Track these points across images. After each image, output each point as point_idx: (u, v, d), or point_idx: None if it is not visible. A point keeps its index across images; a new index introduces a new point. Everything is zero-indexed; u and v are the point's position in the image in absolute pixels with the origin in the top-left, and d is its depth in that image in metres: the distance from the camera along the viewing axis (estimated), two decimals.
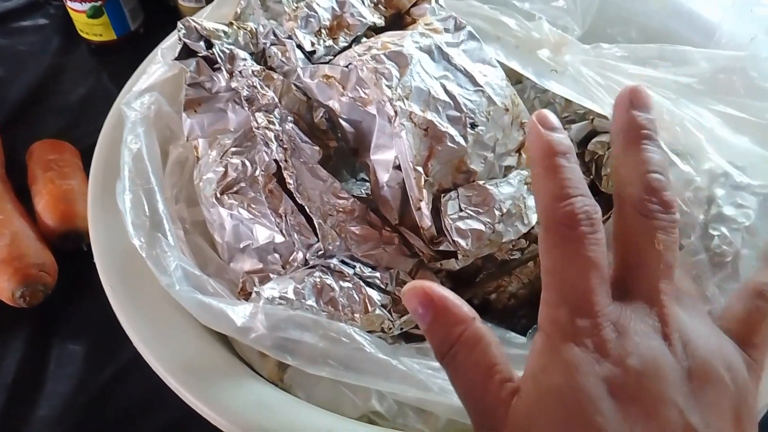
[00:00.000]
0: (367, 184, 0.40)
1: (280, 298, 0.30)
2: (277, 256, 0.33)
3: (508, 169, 0.39)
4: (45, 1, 0.72)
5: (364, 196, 0.39)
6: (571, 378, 0.21)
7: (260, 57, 0.39)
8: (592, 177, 0.44)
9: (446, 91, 0.35)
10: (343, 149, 0.39)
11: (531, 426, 0.21)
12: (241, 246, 0.34)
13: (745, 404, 0.22)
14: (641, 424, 0.20)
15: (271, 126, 0.34)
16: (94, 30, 0.65)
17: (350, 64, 0.35)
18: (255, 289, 0.30)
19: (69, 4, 0.63)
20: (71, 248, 0.48)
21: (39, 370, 0.45)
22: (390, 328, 0.32)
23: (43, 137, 0.56)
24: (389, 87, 0.33)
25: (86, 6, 0.63)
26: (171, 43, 0.38)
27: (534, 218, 0.37)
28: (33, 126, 0.60)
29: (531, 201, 0.38)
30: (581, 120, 0.46)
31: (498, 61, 0.42)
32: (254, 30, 0.39)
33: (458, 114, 0.35)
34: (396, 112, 0.33)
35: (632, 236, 0.24)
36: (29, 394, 0.43)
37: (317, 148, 0.35)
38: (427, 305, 0.24)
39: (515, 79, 0.48)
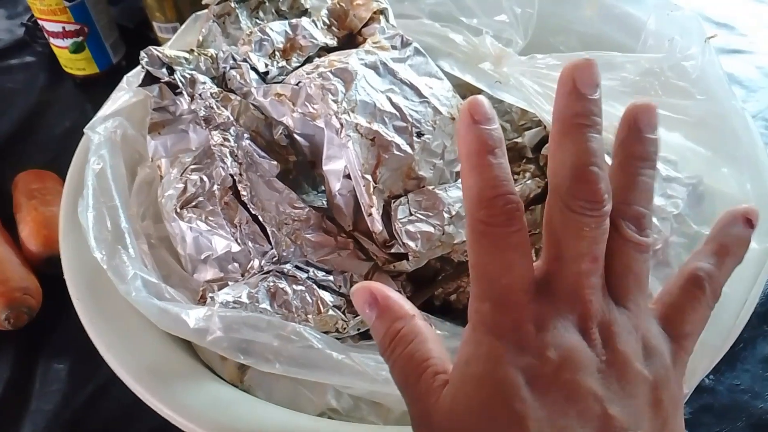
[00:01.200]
0: None
1: (234, 302, 0.31)
2: (236, 264, 0.35)
3: (460, 174, 0.41)
4: (32, 39, 0.75)
5: (324, 206, 0.41)
6: (493, 369, 0.22)
7: (221, 80, 0.41)
8: (546, 180, 0.46)
9: (392, 103, 0.38)
10: (304, 163, 0.41)
11: (454, 411, 0.23)
12: (202, 257, 0.36)
13: (667, 391, 0.23)
14: (560, 411, 0.21)
15: (226, 143, 0.36)
16: (77, 65, 0.68)
17: (300, 82, 0.37)
18: (210, 294, 0.32)
19: (52, 41, 0.66)
20: (54, 272, 0.50)
21: (24, 389, 0.46)
22: (344, 328, 0.34)
23: (29, 168, 0.59)
24: (335, 101, 0.36)
25: (68, 42, 0.66)
26: (136, 71, 0.41)
27: None
28: (20, 158, 0.63)
29: None
30: (537, 126, 0.48)
31: (453, 75, 0.45)
32: (214, 55, 0.42)
33: (404, 124, 0.37)
34: (342, 124, 0.35)
35: (559, 229, 0.24)
36: (15, 412, 0.45)
37: (275, 162, 0.38)
38: (372, 304, 0.25)
39: (475, 91, 0.50)
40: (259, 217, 0.34)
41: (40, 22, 0.65)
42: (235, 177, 0.35)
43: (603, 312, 0.23)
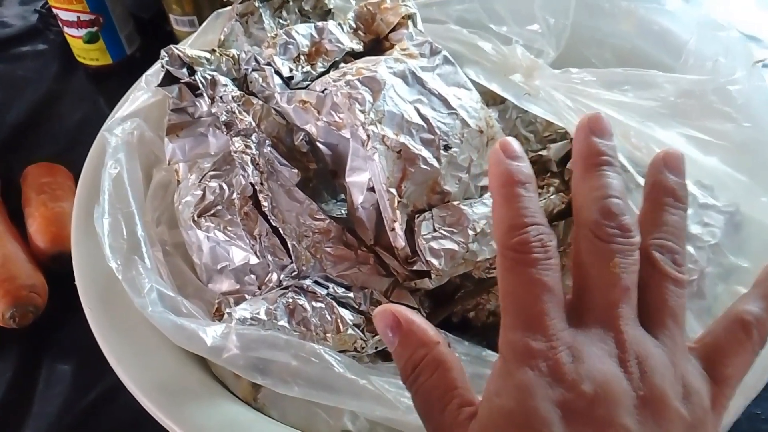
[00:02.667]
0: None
1: (252, 318, 0.30)
2: (253, 277, 0.34)
3: (485, 189, 0.40)
4: (45, 27, 0.74)
5: (345, 216, 0.40)
6: (524, 402, 0.21)
7: (242, 82, 0.40)
8: (571, 195, 0.44)
9: (420, 115, 0.36)
10: (324, 171, 0.39)
11: None
12: (219, 267, 0.35)
13: None
14: None
15: (247, 150, 0.35)
16: (90, 55, 0.67)
17: (325, 89, 0.36)
18: (227, 310, 0.31)
19: (66, 30, 0.65)
20: (62, 270, 0.49)
21: (27, 391, 0.45)
22: (363, 348, 0.33)
23: (39, 161, 0.58)
24: (362, 111, 0.34)
25: (83, 32, 0.64)
26: (155, 70, 0.40)
27: None
28: (30, 150, 0.62)
29: None
30: (562, 139, 0.46)
31: (479, 83, 0.43)
32: (236, 56, 0.40)
33: (432, 136, 0.36)
34: (369, 135, 0.34)
35: (588, 260, 0.24)
36: (17, 414, 0.44)
37: (295, 170, 0.36)
38: (395, 328, 0.25)
39: (499, 99, 0.49)
40: (280, 229, 0.33)
41: (54, 10, 0.64)
42: (255, 186, 0.34)
43: (639, 343, 0.23)
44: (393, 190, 0.34)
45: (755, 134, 0.31)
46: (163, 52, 0.39)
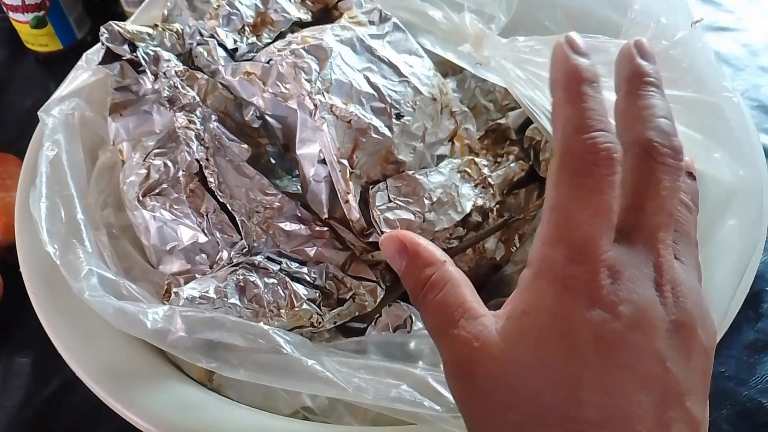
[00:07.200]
0: None
1: (201, 297, 0.29)
2: (204, 256, 0.33)
3: (441, 158, 0.39)
4: None
5: (299, 192, 0.39)
6: (558, 323, 0.21)
7: (188, 58, 0.39)
8: (531, 162, 0.44)
9: (370, 83, 0.35)
10: (276, 146, 0.38)
11: (508, 360, 0.21)
12: (168, 248, 0.33)
13: (711, 363, 0.22)
14: (622, 374, 0.20)
15: (191, 125, 0.33)
16: (39, 41, 0.65)
17: (270, 59, 0.35)
18: (175, 290, 0.30)
19: (11, 15, 0.63)
20: (16, 261, 0.47)
21: None
22: (320, 322, 0.32)
23: None
24: (308, 81, 0.33)
25: (29, 16, 0.62)
26: (96, 48, 0.38)
27: (468, 206, 0.37)
28: None
29: (464, 189, 0.38)
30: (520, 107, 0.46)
31: (435, 53, 0.42)
32: (180, 31, 0.39)
33: (383, 105, 0.35)
34: (316, 105, 0.33)
35: (638, 179, 0.23)
36: None
37: (245, 146, 0.35)
38: (402, 251, 0.26)
39: (458, 69, 0.48)
40: (228, 205, 0.32)
41: None
42: (201, 162, 0.33)
43: (674, 270, 0.22)
44: (345, 161, 0.34)
45: (702, 97, 0.30)
46: (102, 29, 0.37)
